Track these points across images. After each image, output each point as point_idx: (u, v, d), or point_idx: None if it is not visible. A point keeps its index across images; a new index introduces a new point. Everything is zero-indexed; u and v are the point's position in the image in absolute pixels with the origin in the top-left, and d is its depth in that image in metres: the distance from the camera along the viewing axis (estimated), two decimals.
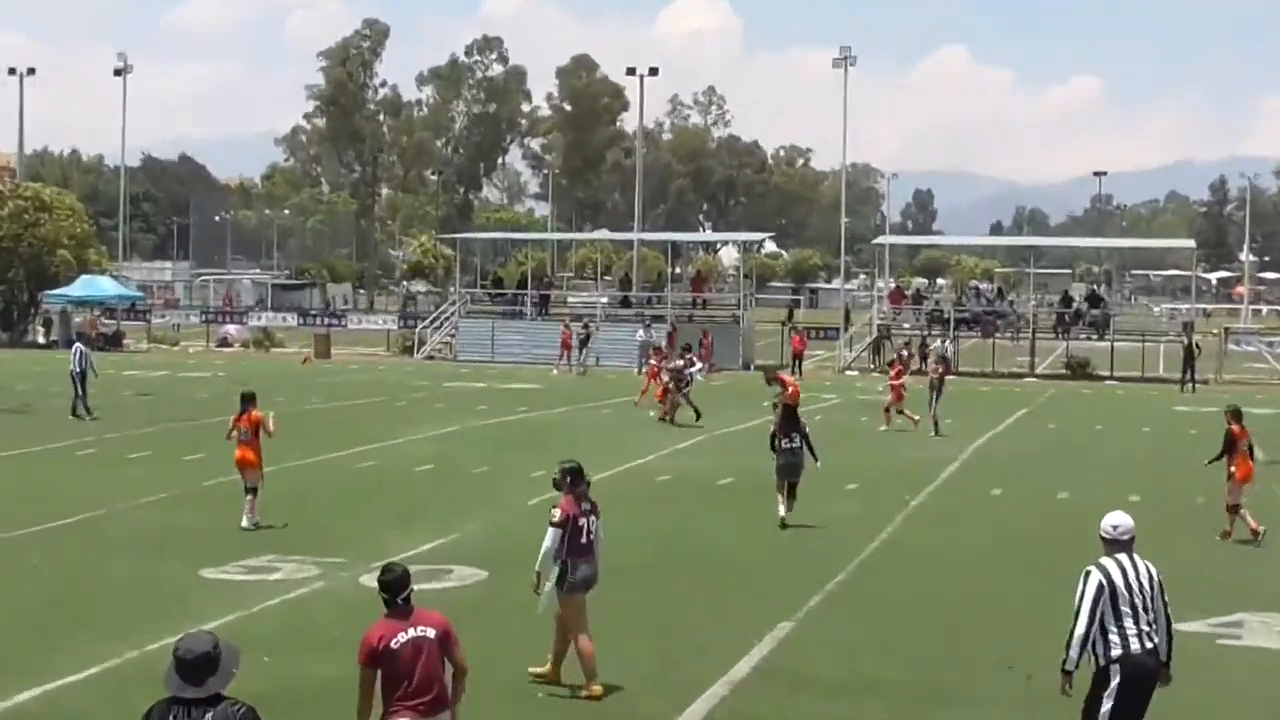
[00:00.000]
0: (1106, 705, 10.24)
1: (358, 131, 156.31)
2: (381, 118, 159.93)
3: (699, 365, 38.00)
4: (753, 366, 39.02)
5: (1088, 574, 10.37)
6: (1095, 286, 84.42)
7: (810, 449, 22.69)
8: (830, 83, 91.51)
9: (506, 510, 23.28)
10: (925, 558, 20.11)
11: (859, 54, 76.01)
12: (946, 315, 64.66)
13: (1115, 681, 10.20)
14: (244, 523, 21.49)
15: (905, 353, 45.04)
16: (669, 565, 19.27)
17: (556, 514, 13.32)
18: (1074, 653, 10.30)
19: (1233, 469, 22.15)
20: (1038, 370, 60.62)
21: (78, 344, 39.18)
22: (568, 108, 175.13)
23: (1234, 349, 63.87)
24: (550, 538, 13.24)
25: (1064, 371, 59.92)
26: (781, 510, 22.11)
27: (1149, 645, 10.22)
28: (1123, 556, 10.42)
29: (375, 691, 9.50)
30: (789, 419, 22.92)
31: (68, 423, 35.29)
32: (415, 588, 9.76)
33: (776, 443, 22.62)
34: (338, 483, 26.71)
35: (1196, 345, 55.54)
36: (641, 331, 58.33)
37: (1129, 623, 10.19)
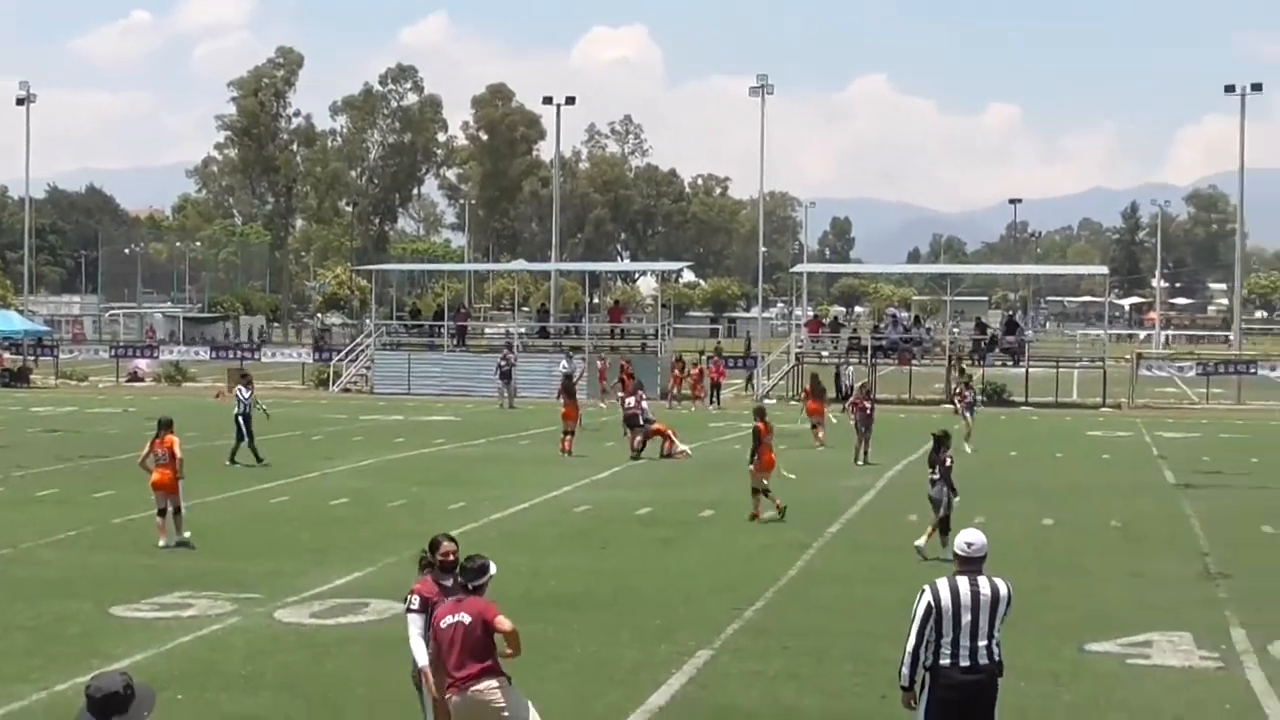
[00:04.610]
0: (920, 714, 10.39)
1: (271, 162, 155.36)
2: (295, 148, 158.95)
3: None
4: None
5: (921, 593, 10.44)
6: (1011, 313, 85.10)
7: None
8: (748, 112, 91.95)
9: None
10: (842, 586, 20.12)
11: (780, 83, 76.51)
12: (864, 343, 64.91)
13: (927, 693, 10.33)
14: (163, 542, 22.44)
15: (965, 390, 43.45)
16: (586, 596, 19.18)
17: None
18: (905, 669, 10.41)
19: (757, 458, 26.34)
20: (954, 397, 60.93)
21: (239, 387, 36.40)
22: (484, 137, 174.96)
23: (1145, 374, 64.56)
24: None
25: (980, 398, 60.24)
26: None
27: (969, 663, 10.20)
28: (964, 576, 10.43)
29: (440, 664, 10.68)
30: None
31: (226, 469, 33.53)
32: (334, 621, 9.72)
33: None
34: (252, 518, 26.46)
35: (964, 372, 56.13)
36: (565, 363, 58.24)
37: (946, 641, 10.22)
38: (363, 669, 15.24)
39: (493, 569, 10.80)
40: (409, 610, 11.37)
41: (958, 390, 40.97)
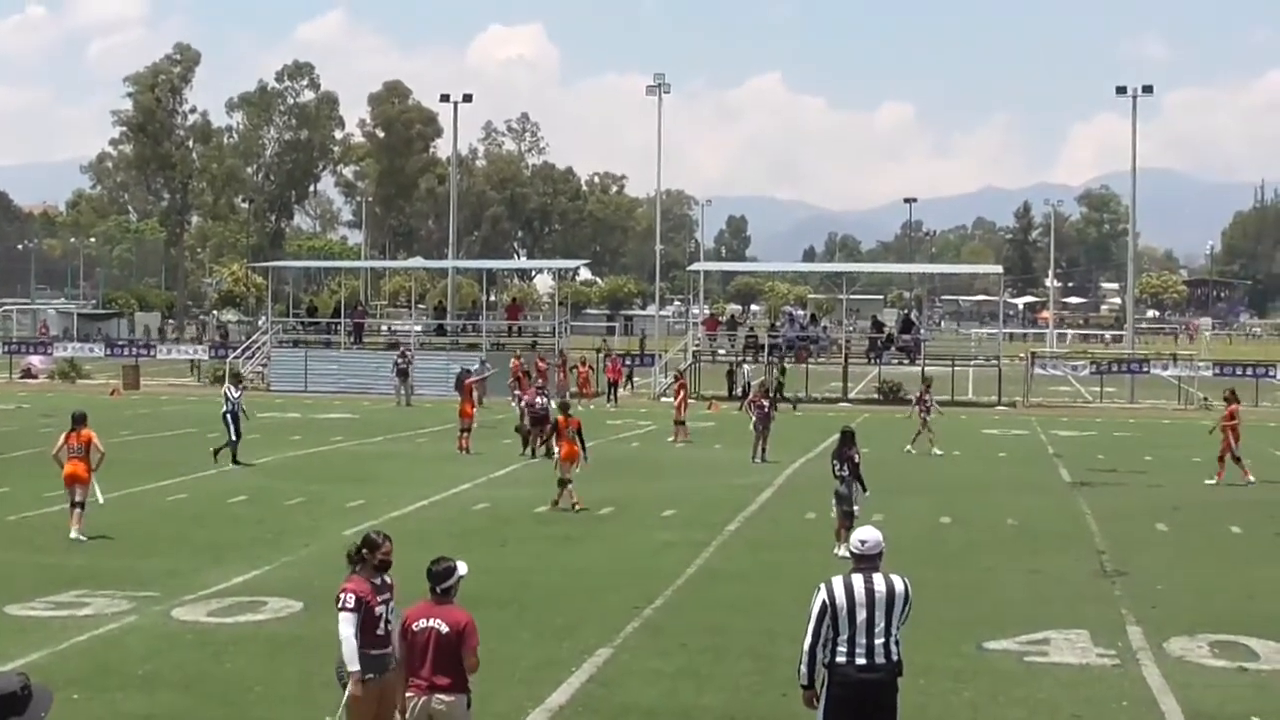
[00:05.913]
0: (820, 712, 10.42)
1: (167, 158, 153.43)
2: (191, 144, 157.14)
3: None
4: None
5: (817, 590, 10.46)
6: (907, 311, 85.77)
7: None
8: (644, 110, 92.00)
9: (322, 541, 22.98)
10: (741, 584, 20.20)
11: (675, 82, 76.76)
12: (761, 341, 65.19)
13: (825, 691, 10.36)
14: (73, 534, 22.61)
15: (926, 394, 42.71)
16: (485, 594, 19.09)
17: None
18: (803, 668, 10.42)
19: (558, 451, 27.85)
20: (850, 395, 61.39)
21: (229, 385, 36.39)
22: (380, 134, 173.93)
23: (1040, 373, 65.29)
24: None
25: (876, 396, 60.69)
26: None
27: (866, 661, 10.24)
28: (859, 574, 10.44)
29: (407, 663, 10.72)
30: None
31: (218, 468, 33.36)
32: (232, 620, 9.66)
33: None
34: (150, 516, 26.17)
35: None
36: (477, 364, 57.97)
37: (843, 638, 10.25)
38: (261, 668, 15.13)
39: (461, 570, 10.82)
40: (343, 609, 10.93)
41: (919, 394, 41.23)
